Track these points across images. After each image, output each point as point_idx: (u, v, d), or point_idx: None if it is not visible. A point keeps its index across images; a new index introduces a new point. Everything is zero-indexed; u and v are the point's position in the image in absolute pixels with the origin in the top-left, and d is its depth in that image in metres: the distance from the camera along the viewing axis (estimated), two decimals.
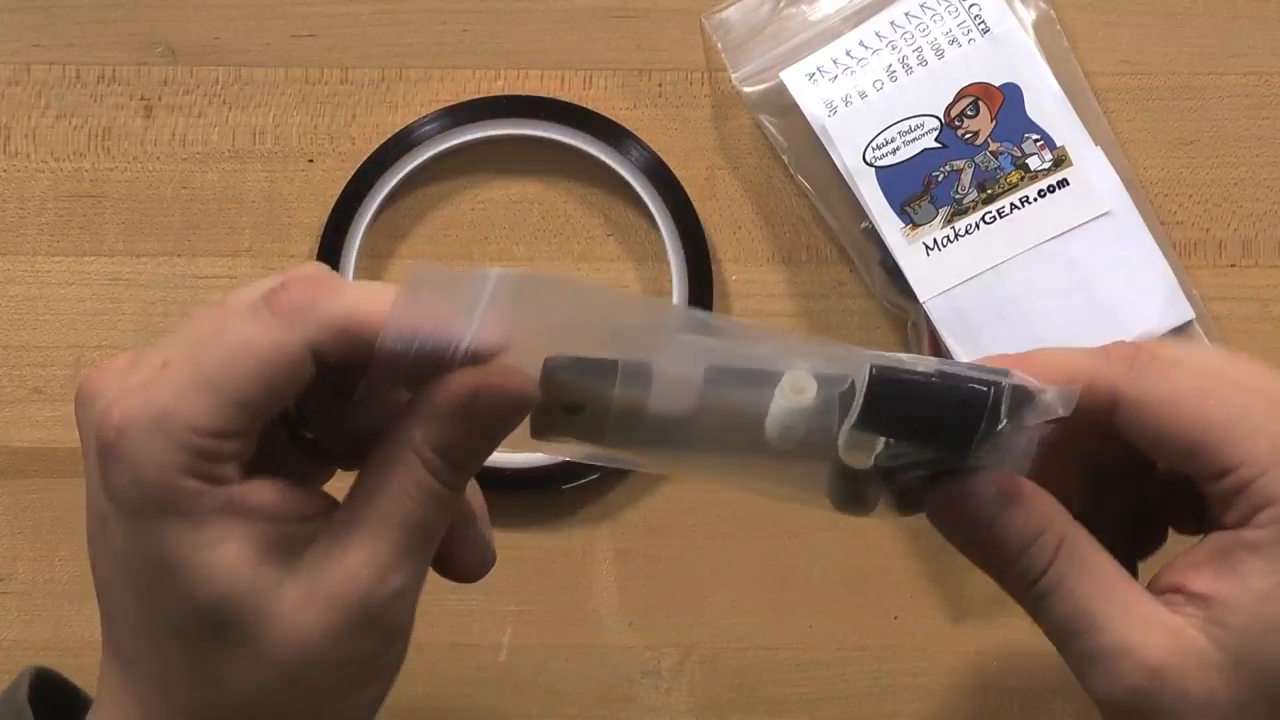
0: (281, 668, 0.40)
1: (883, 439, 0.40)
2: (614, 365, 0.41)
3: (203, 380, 0.39)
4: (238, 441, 0.39)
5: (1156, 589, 0.41)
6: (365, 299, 0.40)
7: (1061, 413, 0.40)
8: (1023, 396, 0.39)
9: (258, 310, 0.39)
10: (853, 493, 0.41)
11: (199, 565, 0.39)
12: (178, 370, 0.39)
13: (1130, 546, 0.45)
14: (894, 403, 0.40)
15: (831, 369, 0.40)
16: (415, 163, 0.61)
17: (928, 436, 0.40)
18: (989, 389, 0.39)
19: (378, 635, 0.40)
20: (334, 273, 0.42)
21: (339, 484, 0.42)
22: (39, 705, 0.45)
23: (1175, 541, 0.45)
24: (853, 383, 0.40)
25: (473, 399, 0.40)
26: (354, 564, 0.40)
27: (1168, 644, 0.39)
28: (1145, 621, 0.40)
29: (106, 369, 0.41)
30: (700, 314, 0.45)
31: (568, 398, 0.41)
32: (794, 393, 0.40)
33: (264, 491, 0.40)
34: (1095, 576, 0.40)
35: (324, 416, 0.43)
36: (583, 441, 0.42)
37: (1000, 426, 0.39)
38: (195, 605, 0.39)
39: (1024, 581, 0.40)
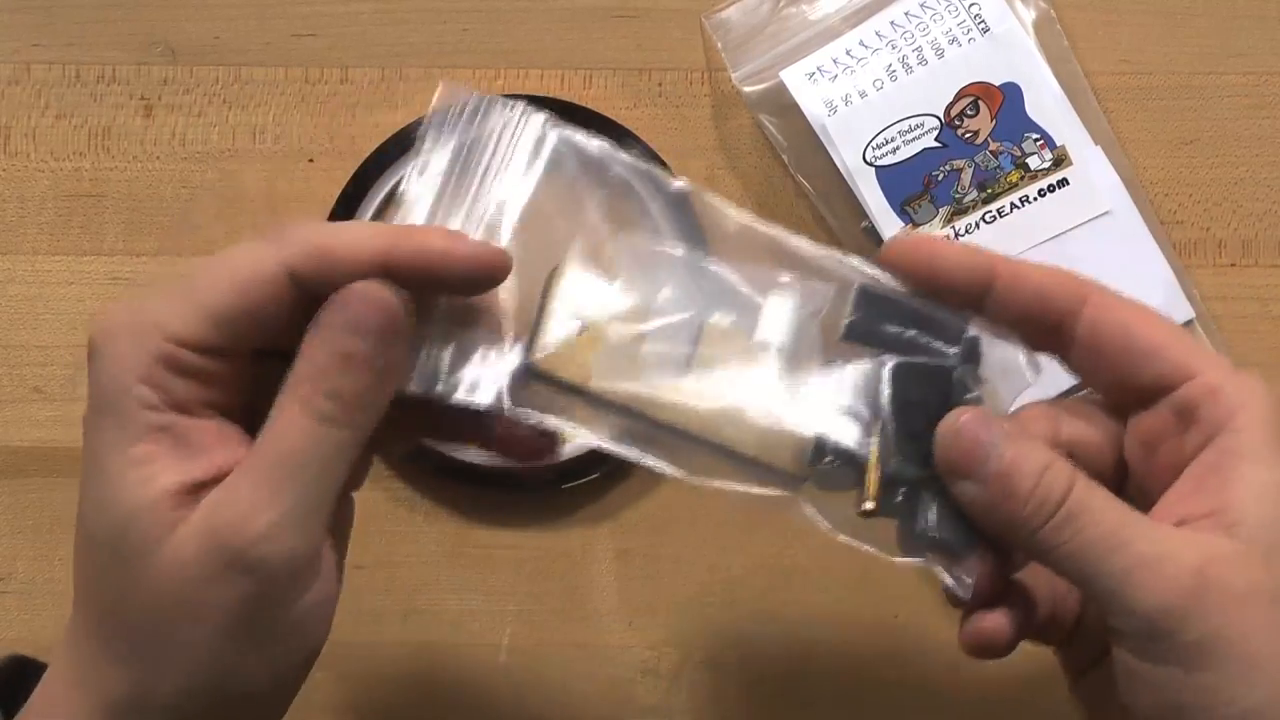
0: (168, 598, 0.40)
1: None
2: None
3: (185, 292, 0.41)
4: (208, 361, 0.41)
5: None
6: (345, 231, 0.42)
7: (1030, 378, 0.43)
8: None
9: (250, 241, 0.41)
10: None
11: (121, 477, 0.40)
12: (168, 286, 0.41)
13: None
14: (880, 310, 0.43)
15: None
16: None
17: (906, 339, 0.42)
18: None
19: (255, 577, 0.40)
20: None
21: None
22: (19, 690, 0.45)
23: None
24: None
25: (352, 354, 0.41)
26: (223, 500, 0.40)
27: (1201, 549, 0.39)
28: (1173, 536, 0.40)
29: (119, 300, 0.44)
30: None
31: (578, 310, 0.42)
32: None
33: (209, 433, 0.41)
34: (1114, 503, 0.40)
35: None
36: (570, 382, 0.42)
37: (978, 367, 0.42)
38: (107, 511, 0.40)
39: (1042, 512, 0.40)
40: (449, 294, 0.43)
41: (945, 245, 0.43)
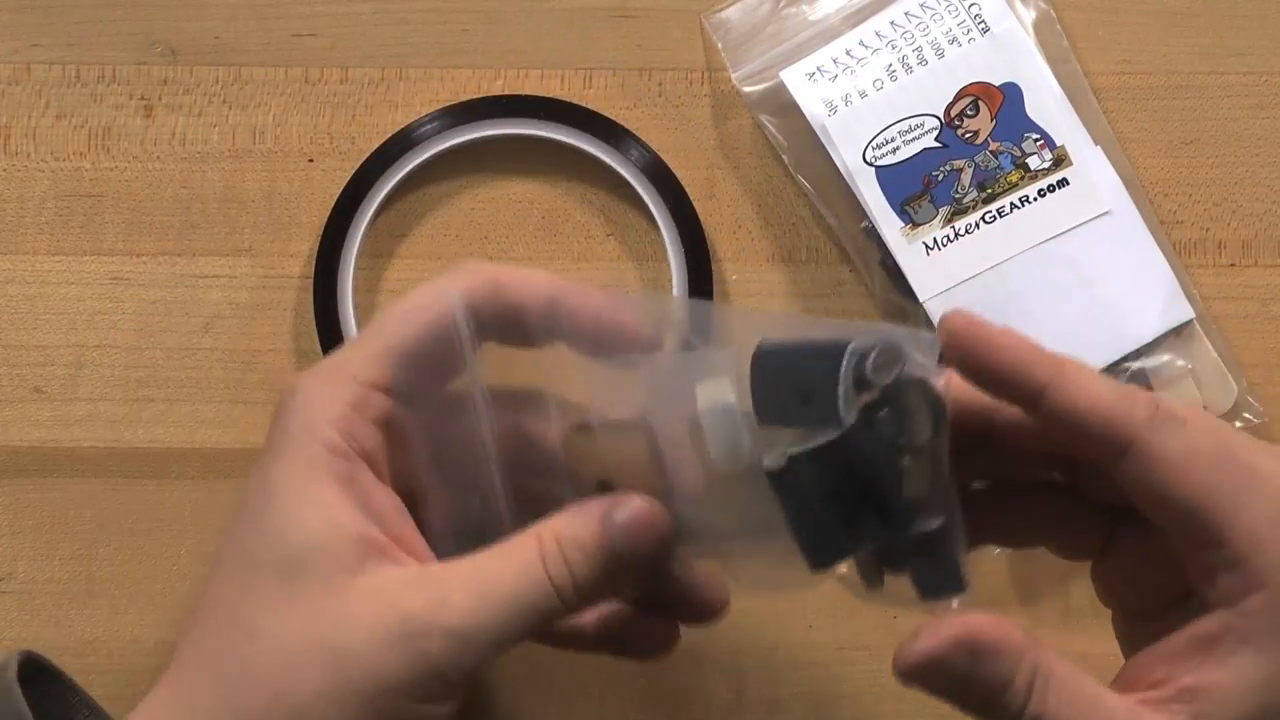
0: (316, 643, 0.40)
1: (787, 432, 0.39)
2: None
3: (373, 337, 0.43)
4: (396, 409, 0.43)
5: (1135, 682, 0.41)
6: (518, 269, 0.44)
7: (930, 367, 0.40)
8: (890, 355, 0.39)
9: (432, 281, 0.44)
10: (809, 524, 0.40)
11: (305, 514, 0.41)
12: (360, 337, 0.44)
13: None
14: (772, 372, 0.39)
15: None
16: (415, 163, 0.61)
17: (800, 404, 0.39)
18: (846, 343, 0.38)
19: (426, 670, 0.40)
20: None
21: None
22: (27, 688, 0.45)
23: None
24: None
25: (609, 515, 0.42)
26: (429, 592, 0.41)
27: None
28: None
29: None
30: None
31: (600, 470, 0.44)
32: (707, 401, 0.40)
33: (385, 498, 0.42)
34: (1074, 700, 0.39)
35: None
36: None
37: (871, 387, 0.39)
38: (284, 542, 0.41)
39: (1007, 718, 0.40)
40: (596, 352, 0.44)
41: (1000, 337, 0.41)
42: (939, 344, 0.41)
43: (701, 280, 0.60)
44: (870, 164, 0.59)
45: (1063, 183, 0.58)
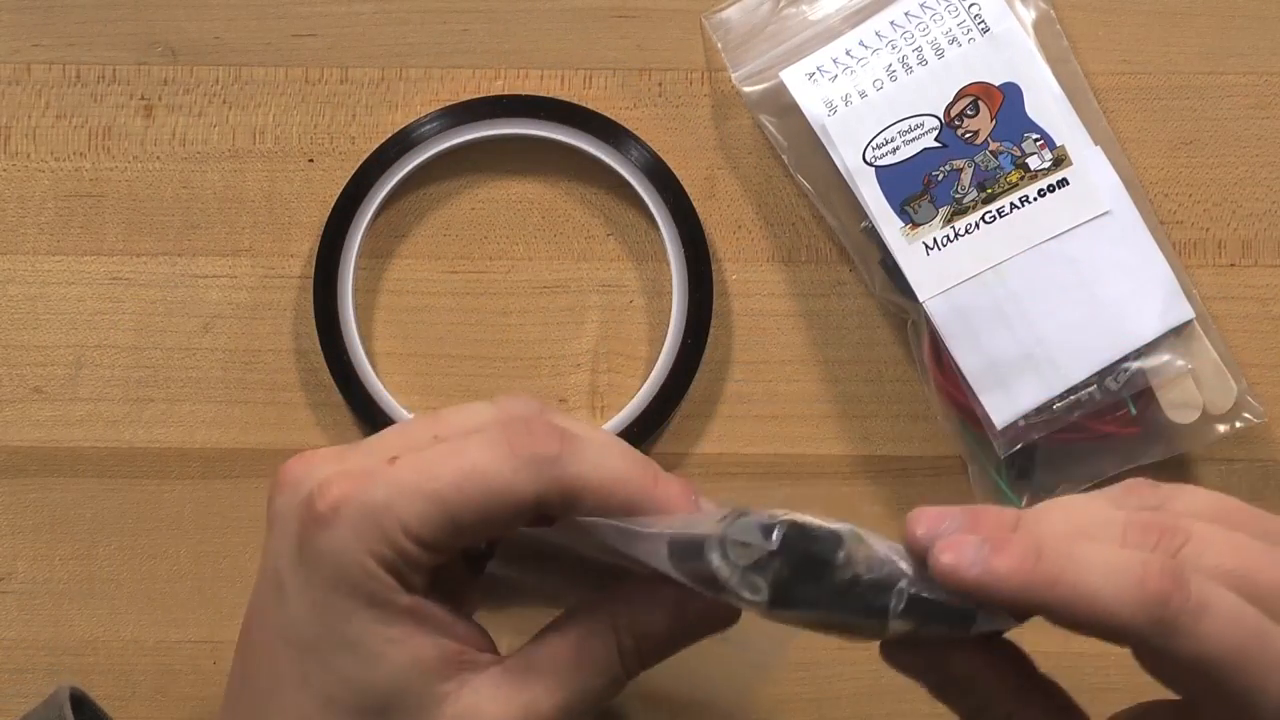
0: None
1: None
2: None
3: (430, 490, 0.40)
4: (439, 556, 0.41)
5: None
6: (602, 466, 0.41)
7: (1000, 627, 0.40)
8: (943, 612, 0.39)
9: (498, 443, 0.41)
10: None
11: (383, 653, 0.40)
12: (406, 471, 0.41)
13: None
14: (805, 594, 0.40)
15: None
16: (415, 163, 0.61)
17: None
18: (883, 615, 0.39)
19: None
20: (563, 417, 0.43)
21: None
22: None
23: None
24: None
25: (684, 605, 0.42)
26: (517, 709, 0.41)
27: None
28: None
29: (311, 457, 0.43)
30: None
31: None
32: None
33: (440, 610, 0.42)
34: None
35: (507, 556, 0.45)
36: None
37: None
38: (367, 685, 0.41)
39: None
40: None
41: (994, 559, 0.38)
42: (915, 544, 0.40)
43: (702, 280, 0.60)
44: (870, 164, 0.59)
45: (1063, 183, 0.58)
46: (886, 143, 0.59)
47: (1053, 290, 0.57)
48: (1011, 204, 0.58)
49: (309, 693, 0.41)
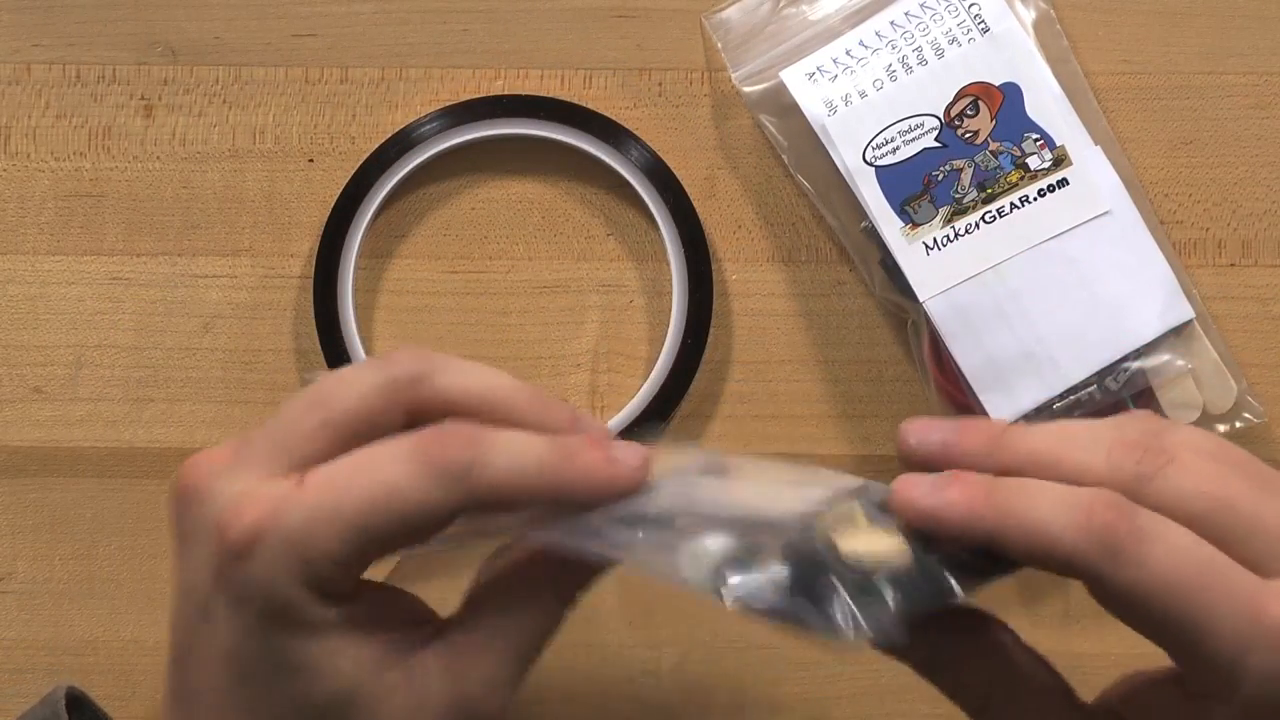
0: None
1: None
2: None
3: (347, 516, 0.39)
4: (361, 569, 0.41)
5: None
6: (514, 467, 0.40)
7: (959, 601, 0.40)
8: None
9: (410, 457, 0.40)
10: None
11: (322, 669, 0.40)
12: (316, 495, 0.40)
13: None
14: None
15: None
16: (415, 163, 0.61)
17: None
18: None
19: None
20: (454, 374, 0.42)
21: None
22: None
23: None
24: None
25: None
26: (474, 678, 0.41)
27: None
28: None
29: (206, 464, 0.41)
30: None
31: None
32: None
33: (377, 603, 0.42)
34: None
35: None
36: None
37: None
38: (315, 701, 0.40)
39: None
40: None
41: (944, 488, 0.40)
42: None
43: (701, 280, 0.60)
44: (870, 164, 0.59)
45: (1063, 183, 0.58)
46: (886, 143, 0.59)
47: (1053, 290, 0.57)
48: (1011, 204, 0.58)
49: (259, 715, 0.41)
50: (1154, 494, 0.39)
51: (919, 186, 0.59)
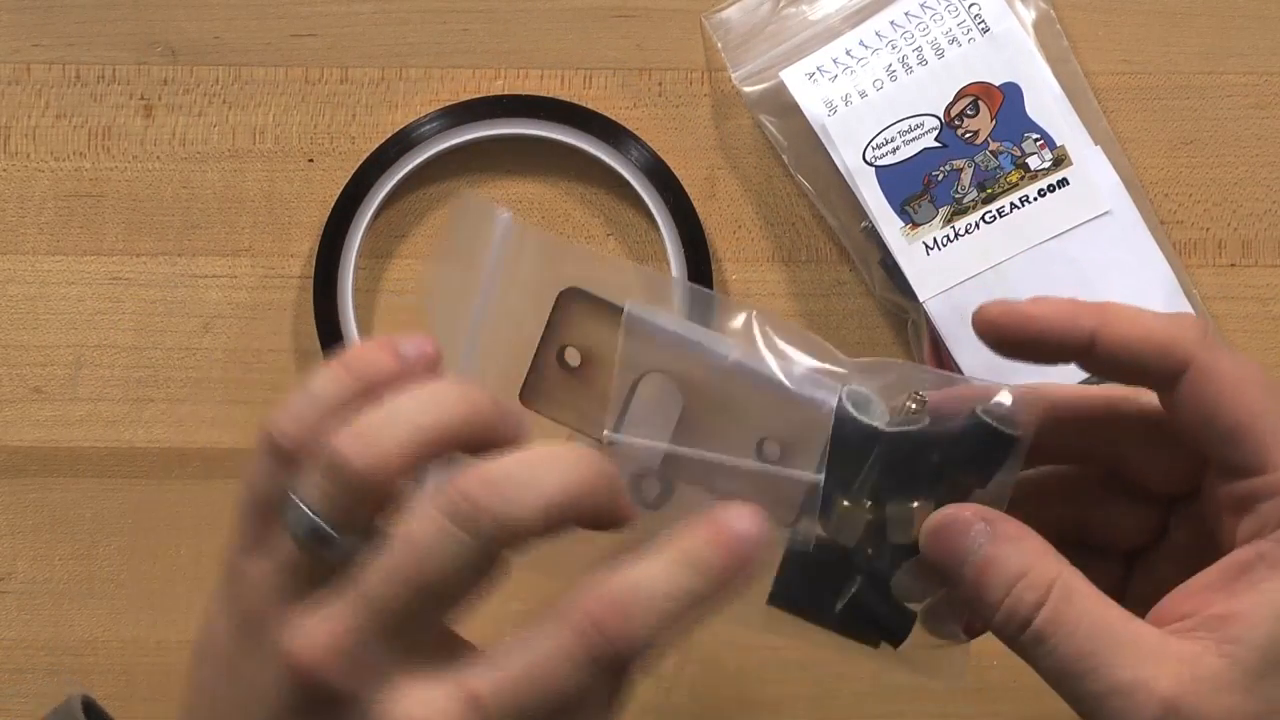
0: None
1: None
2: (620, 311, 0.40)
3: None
4: None
5: (1164, 617, 0.40)
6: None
7: (1019, 433, 0.40)
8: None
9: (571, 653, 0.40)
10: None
11: None
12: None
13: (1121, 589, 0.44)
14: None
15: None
16: (415, 163, 0.61)
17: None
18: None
19: None
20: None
21: None
22: None
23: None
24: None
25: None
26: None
27: (1180, 673, 0.37)
28: (1155, 654, 0.38)
29: (325, 642, 0.39)
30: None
31: (579, 338, 0.41)
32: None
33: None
34: (1095, 615, 0.38)
35: None
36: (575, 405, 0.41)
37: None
38: None
39: (1014, 622, 0.39)
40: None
41: (1034, 307, 0.41)
42: (978, 333, 0.42)
43: (701, 280, 0.60)
44: (870, 164, 0.59)
45: (1063, 183, 0.58)
46: (886, 143, 0.59)
47: (1053, 290, 0.57)
48: (1011, 204, 0.58)
49: None
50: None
51: (919, 186, 0.59)
